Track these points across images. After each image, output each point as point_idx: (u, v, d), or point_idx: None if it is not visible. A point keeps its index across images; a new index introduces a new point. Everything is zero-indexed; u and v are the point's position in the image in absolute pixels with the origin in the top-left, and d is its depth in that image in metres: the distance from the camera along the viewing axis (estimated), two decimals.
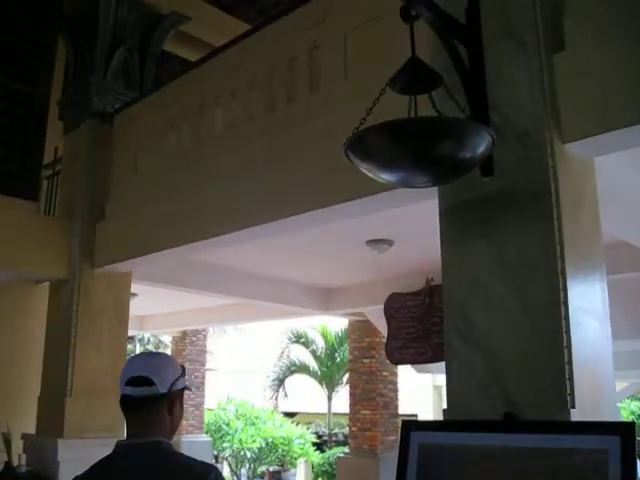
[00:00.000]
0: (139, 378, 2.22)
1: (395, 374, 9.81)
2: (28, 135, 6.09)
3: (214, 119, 5.11)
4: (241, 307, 9.72)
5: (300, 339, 17.33)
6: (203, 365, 12.26)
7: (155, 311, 10.76)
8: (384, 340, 8.75)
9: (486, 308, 2.82)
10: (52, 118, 6.49)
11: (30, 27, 6.27)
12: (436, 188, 3.06)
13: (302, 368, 17.27)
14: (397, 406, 9.89)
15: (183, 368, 2.39)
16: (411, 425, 2.92)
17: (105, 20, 6.34)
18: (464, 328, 2.87)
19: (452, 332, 2.93)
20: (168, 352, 18.38)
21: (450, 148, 2.37)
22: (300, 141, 4.27)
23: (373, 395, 9.52)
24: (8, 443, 5.54)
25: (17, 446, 5.67)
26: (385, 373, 9.62)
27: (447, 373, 2.94)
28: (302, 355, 17.77)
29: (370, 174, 2.50)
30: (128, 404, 2.26)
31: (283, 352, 17.78)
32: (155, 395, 2.21)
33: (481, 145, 2.37)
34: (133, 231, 5.64)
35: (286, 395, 18.22)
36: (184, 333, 11.88)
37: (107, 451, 5.80)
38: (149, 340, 21.75)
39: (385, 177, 2.52)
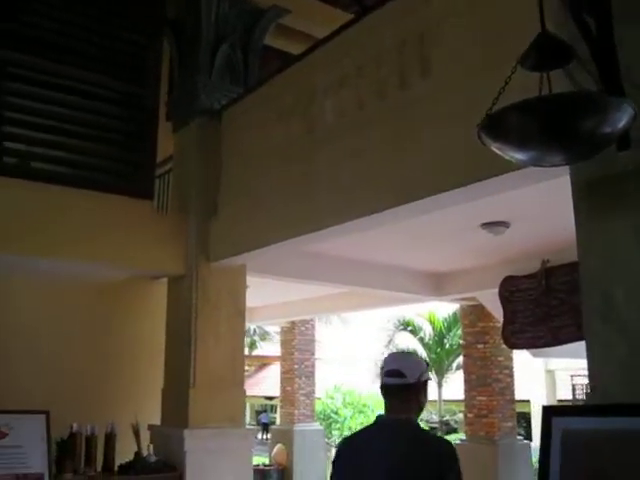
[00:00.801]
0: (394, 371, 3.01)
1: (510, 359, 9.60)
2: (141, 136, 6.25)
3: (323, 109, 5.08)
4: (349, 296, 9.73)
5: (407, 326, 17.25)
6: (312, 354, 12.37)
7: (264, 302, 10.92)
8: (498, 325, 8.57)
9: (628, 288, 2.66)
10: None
11: (135, 31, 6.42)
12: (567, 166, 2.92)
13: None
14: (514, 392, 9.66)
15: (427, 364, 3.18)
16: (552, 410, 2.79)
17: (207, 18, 6.44)
18: (605, 309, 2.73)
19: (592, 314, 2.79)
20: (276, 342, 18.72)
21: (591, 124, 2.25)
22: (414, 127, 4.19)
23: (489, 381, 9.33)
24: (137, 434, 5.73)
25: (145, 437, 5.87)
26: (500, 358, 9.42)
27: (588, 357, 2.82)
28: (409, 342, 17.67)
29: (501, 153, 2.41)
30: (387, 390, 3.03)
31: (390, 339, 17.75)
32: (405, 384, 2.97)
33: (622, 119, 2.23)
34: (246, 224, 5.72)
35: None
36: (293, 323, 12.02)
37: (230, 440, 5.97)
38: (255, 331, 22.21)
39: (518, 157, 2.43)
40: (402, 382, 2.98)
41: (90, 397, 6.20)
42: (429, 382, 3.11)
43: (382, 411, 3.08)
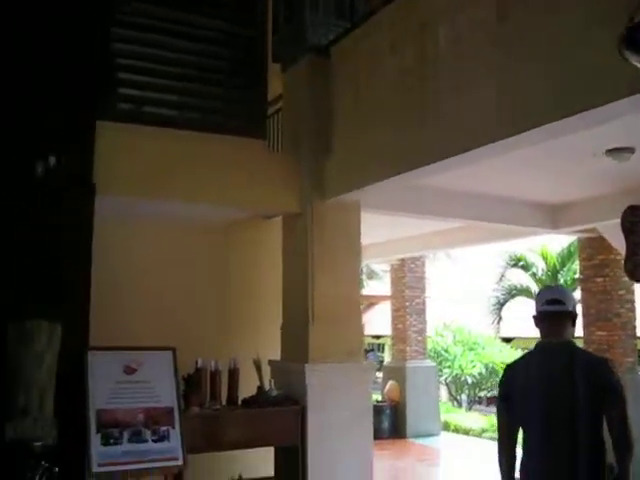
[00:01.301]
0: (555, 300, 3.47)
1: (632, 292, 9.22)
2: (251, 76, 6.28)
3: (437, 37, 4.91)
4: (460, 231, 9.58)
5: (518, 262, 16.86)
6: (423, 292, 12.34)
7: (373, 240, 10.91)
8: (619, 257, 8.24)
9: None
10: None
11: None
12: None
13: (522, 291, 16.83)
14: (635, 327, 9.31)
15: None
16: None
17: None
18: None
19: None
20: (384, 281, 18.77)
21: None
22: (532, 52, 4.00)
23: (609, 315, 9.03)
24: (259, 369, 5.92)
25: (266, 372, 6.06)
26: (621, 292, 9.07)
27: None
28: (520, 279, 17.30)
29: None
30: (546, 317, 3.48)
31: (502, 276, 17.42)
32: (565, 311, 3.46)
33: None
34: (360, 160, 5.68)
35: (501, 319, 17.91)
36: (402, 261, 12.00)
37: (350, 375, 6.02)
38: (362, 270, 22.33)
39: None
40: (562, 309, 3.45)
41: (213, 334, 6.44)
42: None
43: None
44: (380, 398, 12.20)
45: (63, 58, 5.30)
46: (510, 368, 3.63)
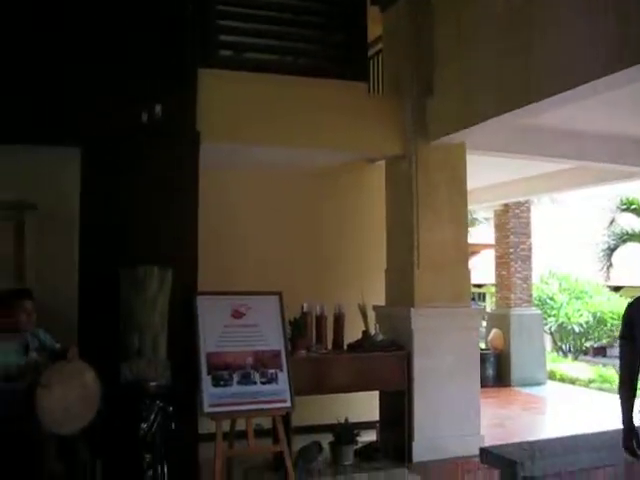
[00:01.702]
0: None
1: None
2: (350, 18, 6.11)
3: None
4: (567, 173, 9.14)
5: (630, 206, 15.96)
6: (528, 237, 11.92)
7: (476, 185, 10.59)
8: None
9: None
10: None
11: None
12: None
13: (634, 237, 15.98)
14: None
15: None
16: None
17: None
18: None
19: None
20: (485, 229, 18.33)
21: None
22: None
23: None
24: (364, 314, 5.91)
25: (370, 317, 6.04)
26: None
27: None
28: (632, 223, 16.40)
29: None
30: None
31: (612, 221, 16.55)
32: None
33: None
34: (463, 99, 5.49)
35: (611, 266, 17.14)
36: (506, 206, 11.62)
37: (457, 319, 5.92)
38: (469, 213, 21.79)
39: None
40: None
41: (318, 279, 6.48)
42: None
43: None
44: (484, 346, 12.03)
45: (165, 8, 5.32)
46: (632, 306, 3.48)
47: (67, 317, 5.07)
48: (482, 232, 19.43)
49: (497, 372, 11.35)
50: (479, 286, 23.78)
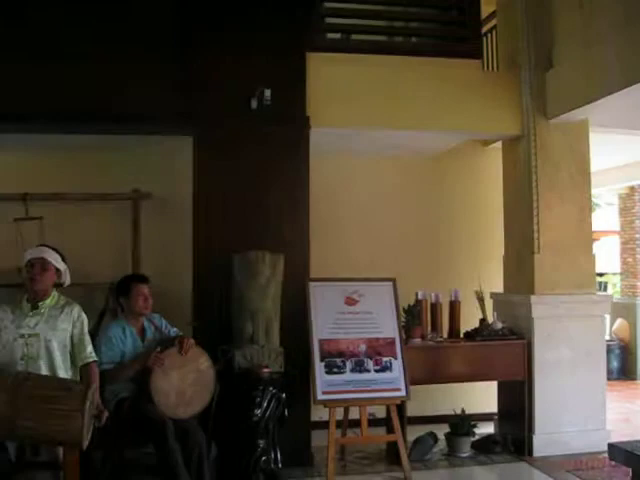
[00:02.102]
0: None
1: None
2: None
3: None
4: None
5: None
6: None
7: (598, 166, 10.03)
8: None
9: None
10: None
11: None
12: None
13: None
14: None
15: None
16: None
17: None
18: None
19: None
20: (608, 211, 17.42)
21: None
22: None
23: None
24: (481, 301, 5.69)
25: (488, 304, 5.80)
26: None
27: None
28: None
29: None
30: None
31: None
32: None
33: None
34: (586, 73, 5.12)
35: None
36: (632, 189, 10.94)
37: (581, 307, 5.57)
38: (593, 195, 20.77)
39: None
40: None
41: (433, 265, 6.31)
42: None
43: None
44: (608, 337, 11.42)
45: None
46: None
47: (182, 303, 5.17)
48: (602, 217, 18.48)
49: (622, 365, 10.74)
50: (600, 275, 22.70)
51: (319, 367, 4.91)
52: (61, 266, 3.83)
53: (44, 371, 3.62)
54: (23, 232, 5.42)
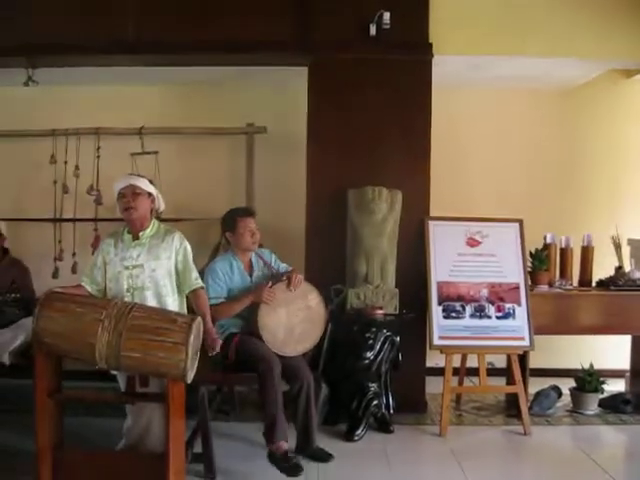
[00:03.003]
0: None
1: None
2: None
3: None
4: None
5: None
6: None
7: None
8: None
9: None
10: None
11: None
12: None
13: None
14: None
15: None
16: None
17: None
18: None
19: None
20: None
21: None
22: None
23: None
24: (618, 247, 5.21)
25: (625, 251, 5.31)
26: None
27: None
28: None
29: None
30: None
31: None
32: None
33: None
34: None
35: None
36: None
37: None
38: None
39: None
40: None
41: (563, 207, 5.82)
42: None
43: None
44: None
45: None
46: None
47: (294, 239, 5.01)
48: None
49: None
50: None
51: (436, 311, 4.64)
52: (152, 190, 3.70)
53: (151, 301, 3.55)
54: (139, 167, 5.40)
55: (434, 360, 5.10)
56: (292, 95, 5.34)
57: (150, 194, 3.66)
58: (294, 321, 4.04)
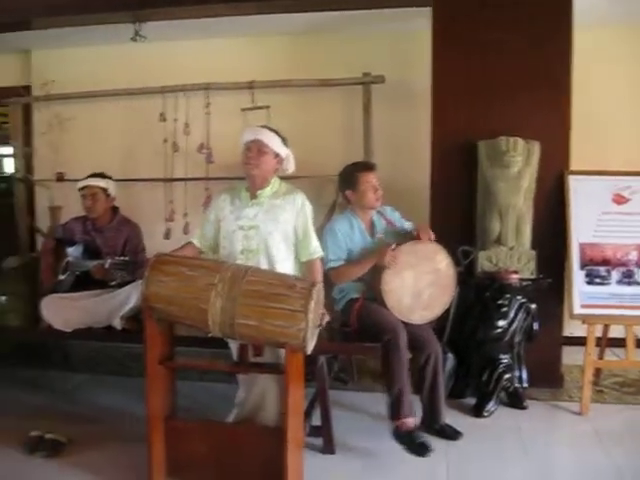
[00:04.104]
0: None
1: None
2: None
3: None
4: None
5: None
6: None
7: None
8: None
9: None
10: None
11: None
12: None
13: None
14: None
15: None
16: None
17: None
18: None
19: None
20: None
21: None
22: None
23: None
24: None
25: None
26: None
27: None
28: None
29: None
30: None
31: None
32: None
33: None
34: None
35: None
36: None
37: None
38: None
39: None
40: None
41: None
42: None
43: None
44: None
45: None
46: None
47: (416, 196, 4.62)
48: None
49: None
50: None
51: (578, 276, 4.14)
52: (282, 151, 3.40)
53: (264, 266, 3.29)
54: (250, 123, 5.12)
55: (568, 329, 4.62)
56: (412, 40, 4.92)
57: (277, 155, 3.37)
58: (421, 285, 3.66)
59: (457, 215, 4.40)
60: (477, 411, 3.99)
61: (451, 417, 3.81)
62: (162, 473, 3.13)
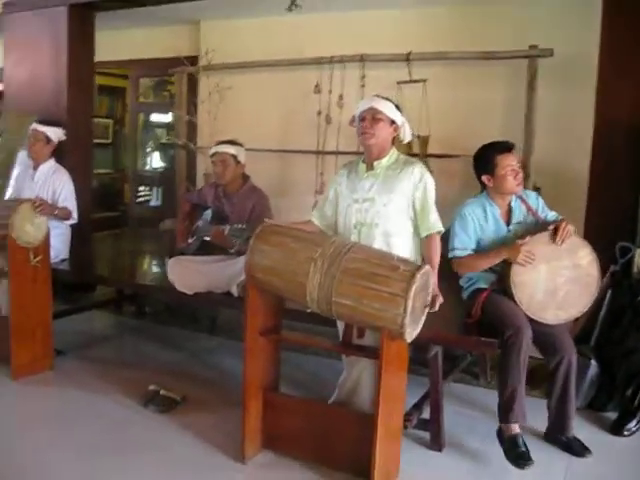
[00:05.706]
0: None
1: None
2: None
3: None
4: None
5: None
6: None
7: None
8: None
9: None
10: None
11: None
12: None
13: None
14: None
15: None
16: None
17: None
18: None
19: None
20: None
21: None
22: None
23: None
24: None
25: None
26: None
27: None
28: None
29: None
30: None
31: None
32: None
33: None
34: None
35: None
36: None
37: None
38: None
39: None
40: None
41: None
42: None
43: None
44: None
45: None
46: None
47: (575, 183, 4.17)
48: None
49: None
50: None
51: None
52: (397, 118, 3.19)
53: (379, 241, 3.10)
54: (405, 96, 4.88)
55: None
56: (586, 10, 4.38)
57: (393, 122, 3.17)
58: (558, 281, 3.26)
59: (618, 207, 3.90)
60: (616, 428, 3.52)
61: (585, 431, 3.43)
62: (256, 443, 3.10)
